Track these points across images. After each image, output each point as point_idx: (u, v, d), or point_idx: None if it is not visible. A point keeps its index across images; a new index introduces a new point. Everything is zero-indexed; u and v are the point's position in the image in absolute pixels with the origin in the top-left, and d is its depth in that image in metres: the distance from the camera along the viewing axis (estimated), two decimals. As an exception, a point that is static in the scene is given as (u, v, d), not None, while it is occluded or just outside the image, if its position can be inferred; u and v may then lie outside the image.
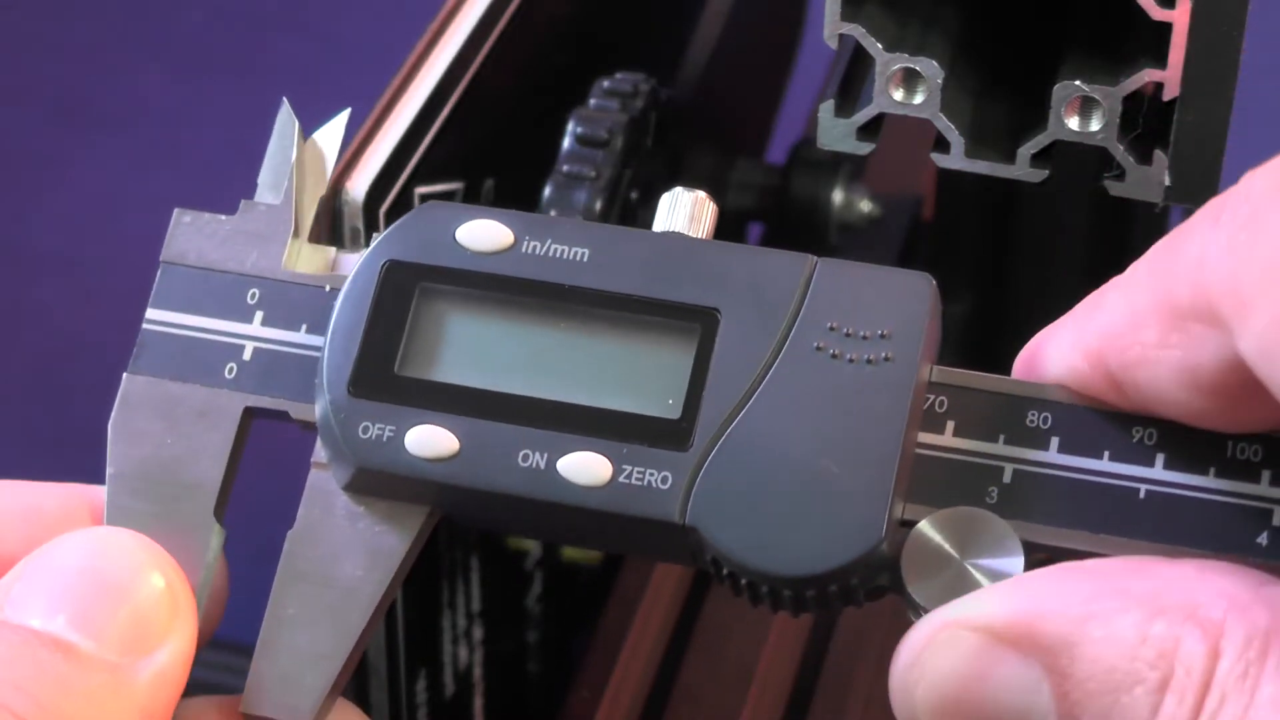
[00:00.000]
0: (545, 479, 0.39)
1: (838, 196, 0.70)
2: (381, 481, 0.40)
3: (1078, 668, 0.35)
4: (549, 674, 0.71)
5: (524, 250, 0.41)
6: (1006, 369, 0.41)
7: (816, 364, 0.39)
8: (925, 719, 0.37)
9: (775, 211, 0.70)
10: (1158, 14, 0.46)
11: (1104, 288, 0.39)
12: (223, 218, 0.43)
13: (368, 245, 0.42)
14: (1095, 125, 0.47)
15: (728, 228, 0.73)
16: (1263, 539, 0.38)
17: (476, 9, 0.59)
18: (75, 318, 1.03)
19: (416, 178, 0.55)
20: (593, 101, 0.59)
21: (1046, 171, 0.48)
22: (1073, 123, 0.47)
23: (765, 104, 0.79)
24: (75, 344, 1.01)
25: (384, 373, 0.40)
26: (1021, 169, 0.48)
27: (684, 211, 0.42)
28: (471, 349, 0.41)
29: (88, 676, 0.37)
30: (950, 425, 0.40)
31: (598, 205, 0.57)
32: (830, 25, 0.48)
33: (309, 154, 0.44)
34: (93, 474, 0.43)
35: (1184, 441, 0.39)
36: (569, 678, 0.67)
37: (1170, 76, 0.46)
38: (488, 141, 0.59)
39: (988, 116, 0.49)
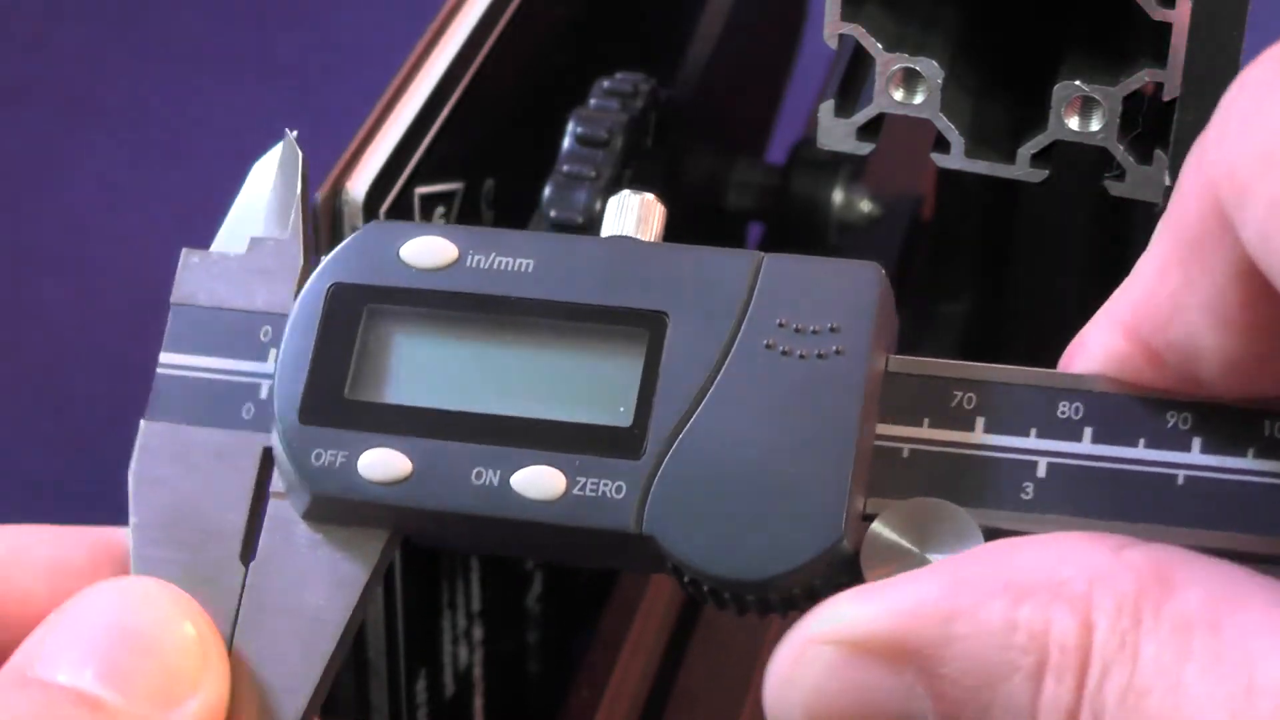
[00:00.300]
0: (499, 496, 0.39)
1: (838, 196, 0.70)
2: (338, 507, 0.40)
3: (950, 667, 0.34)
4: (549, 674, 0.71)
5: (469, 264, 0.41)
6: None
7: (767, 362, 0.39)
8: None
9: (775, 211, 0.70)
10: (1158, 14, 0.46)
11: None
12: (230, 255, 0.43)
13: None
14: (1095, 125, 0.47)
15: (728, 228, 0.73)
16: None
17: (476, 9, 0.59)
18: (76, 317, 1.03)
19: (416, 178, 0.55)
20: (593, 101, 0.59)
21: (1046, 171, 0.48)
22: (1073, 123, 0.47)
23: (765, 104, 0.79)
24: (76, 343, 1.01)
25: (334, 398, 0.40)
26: (1021, 169, 0.48)
27: (632, 215, 0.42)
28: (420, 368, 0.40)
29: None
30: (980, 422, 0.39)
31: (598, 205, 0.57)
32: (830, 25, 0.48)
33: (304, 183, 0.44)
34: (92, 474, 0.42)
35: (1220, 424, 0.38)
36: (569, 678, 0.67)
37: (1170, 76, 0.46)
38: (488, 141, 0.59)
39: (988, 116, 0.49)
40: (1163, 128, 0.47)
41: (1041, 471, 0.39)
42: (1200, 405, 0.38)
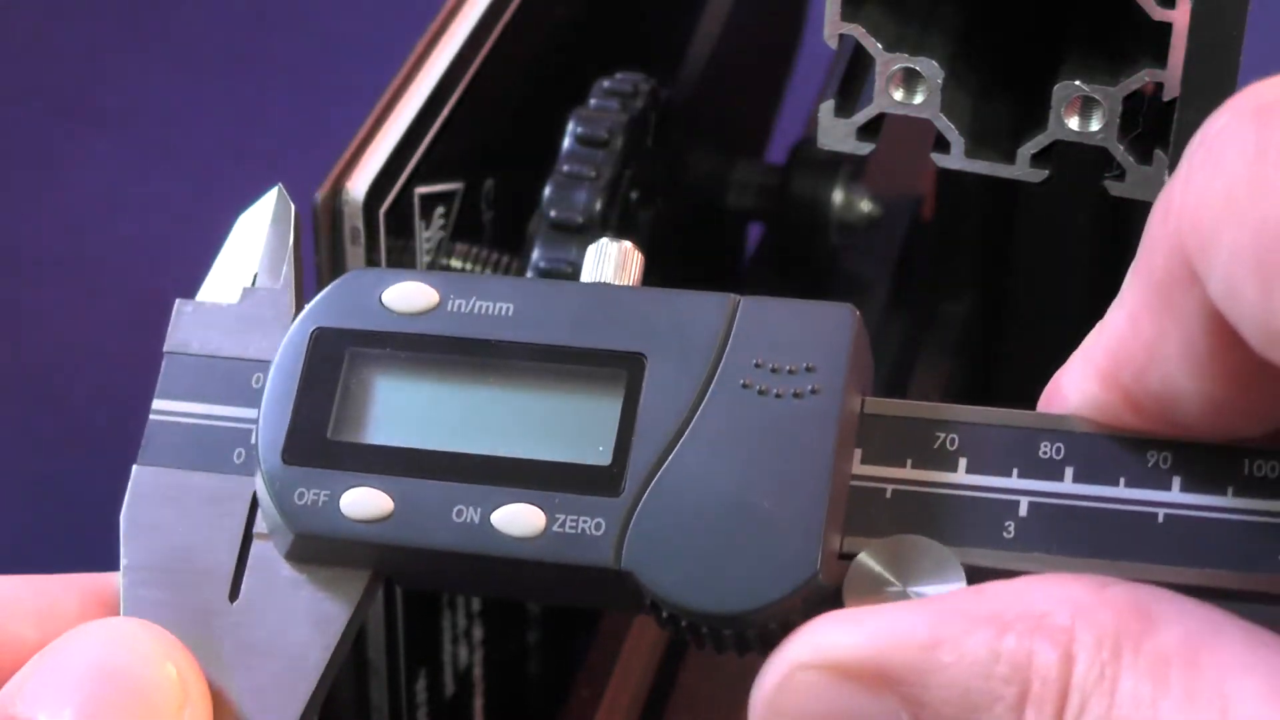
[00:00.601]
0: (480, 533, 0.39)
1: (838, 196, 0.70)
2: (320, 547, 0.40)
3: (932, 694, 0.35)
4: (549, 674, 0.71)
5: (449, 309, 0.41)
6: (1006, 368, 0.41)
7: (743, 401, 0.40)
8: None
9: (775, 211, 0.71)
10: (1158, 14, 0.46)
11: (1107, 313, 0.38)
12: (224, 305, 0.43)
13: (368, 248, 0.42)
14: (1095, 125, 0.47)
15: (728, 228, 0.73)
16: None
17: (476, 9, 0.59)
18: (75, 318, 1.03)
19: (416, 178, 0.55)
20: (593, 101, 0.59)
21: (1046, 171, 0.48)
22: (1073, 123, 0.47)
23: (765, 104, 0.79)
24: (74, 344, 1.01)
25: (316, 439, 0.41)
26: (1021, 169, 0.48)
27: (611, 262, 0.42)
28: (402, 410, 0.41)
29: None
30: (962, 462, 0.39)
31: (598, 205, 0.57)
32: (830, 25, 0.48)
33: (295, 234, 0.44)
34: (91, 475, 0.42)
35: (1199, 463, 0.38)
36: (569, 678, 0.67)
37: (1170, 76, 0.46)
38: (488, 141, 0.59)
39: (988, 116, 0.49)
40: (1163, 128, 0.47)
41: (1023, 510, 0.39)
42: (1180, 444, 0.39)
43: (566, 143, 0.58)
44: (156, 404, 0.43)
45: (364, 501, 0.40)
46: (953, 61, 0.48)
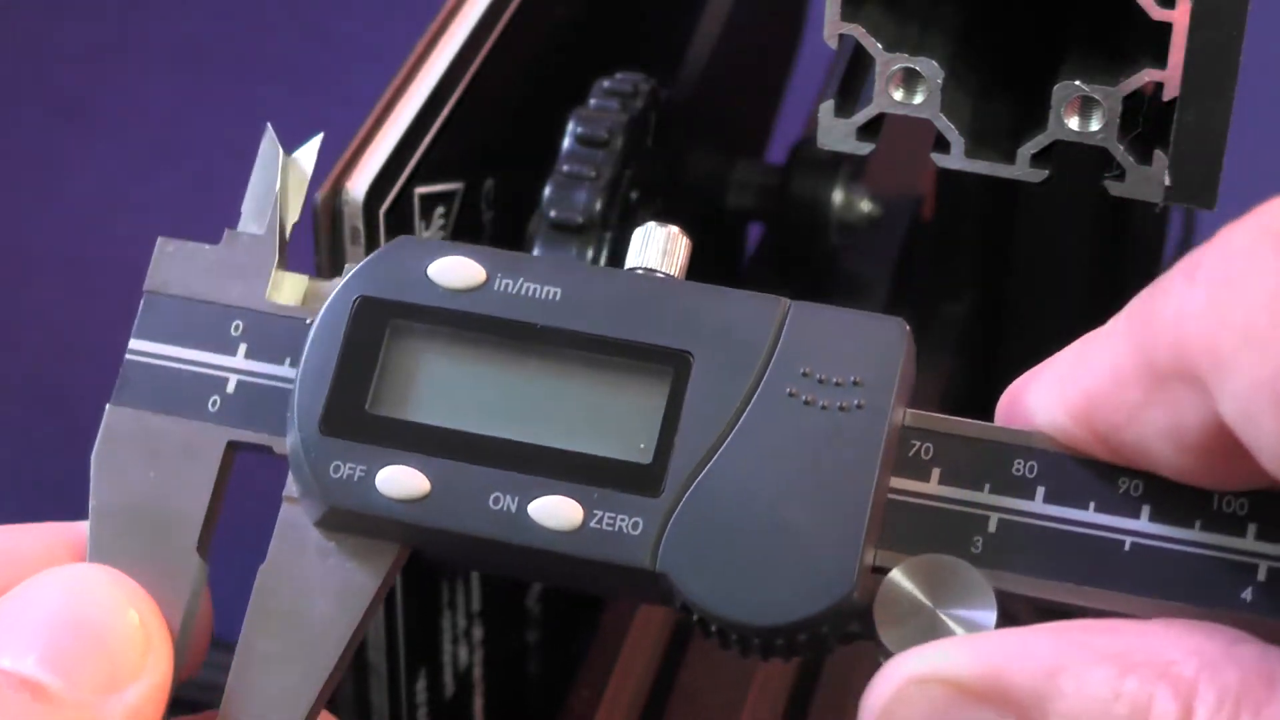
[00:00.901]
0: (515, 522, 0.39)
1: (838, 196, 0.70)
2: (353, 520, 0.40)
3: None
4: (549, 674, 0.71)
5: (496, 288, 0.41)
6: (1006, 368, 0.41)
7: (788, 410, 0.39)
8: None
9: (775, 211, 0.70)
10: (1158, 14, 0.46)
11: (1086, 339, 0.38)
12: (206, 247, 0.43)
13: (368, 248, 0.42)
14: (1095, 125, 0.47)
15: (728, 228, 0.73)
16: (1247, 594, 0.38)
17: (476, 9, 0.59)
18: (75, 318, 1.03)
19: (416, 178, 0.55)
20: (593, 101, 0.59)
21: (1046, 171, 0.48)
22: (1073, 123, 0.47)
23: (765, 104, 0.79)
24: (75, 344, 1.01)
25: (355, 411, 0.40)
26: (1021, 169, 0.48)
27: (656, 247, 0.42)
28: (443, 388, 0.41)
29: (56, 716, 0.37)
30: (935, 473, 0.39)
31: (598, 205, 0.57)
32: (830, 25, 0.48)
33: (290, 178, 0.43)
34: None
35: (1170, 493, 0.38)
36: (569, 678, 0.67)
37: (1170, 76, 0.46)
38: (488, 141, 0.59)
39: (988, 116, 0.49)
40: (1163, 128, 0.47)
41: (992, 527, 0.39)
42: (1152, 474, 0.38)
43: (566, 143, 0.58)
44: (133, 343, 0.42)
45: (401, 480, 0.40)
46: (953, 61, 0.48)
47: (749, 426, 0.39)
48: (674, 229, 0.42)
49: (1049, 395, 0.39)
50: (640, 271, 0.42)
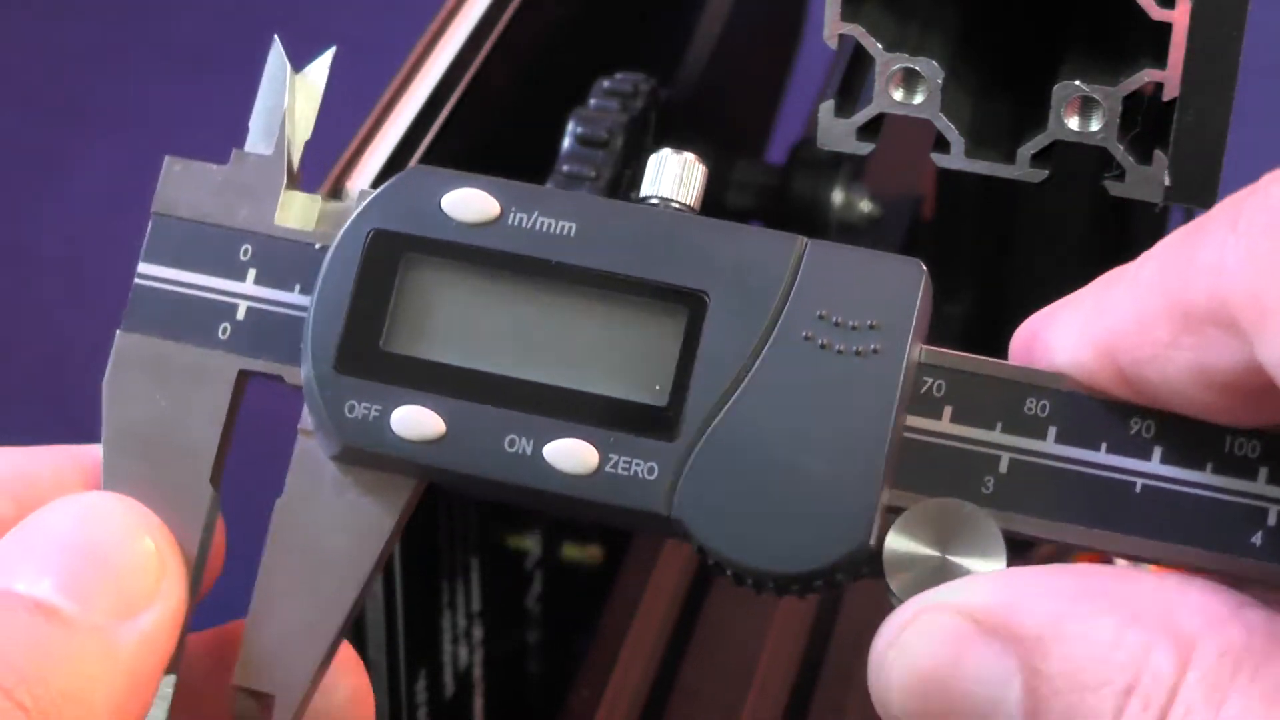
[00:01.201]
0: (531, 466, 0.39)
1: (838, 196, 0.70)
2: (368, 458, 0.40)
3: (1050, 664, 0.35)
4: (549, 674, 0.71)
5: (510, 222, 0.40)
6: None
7: (804, 354, 0.39)
8: (896, 698, 0.37)
9: (775, 211, 0.70)
10: (1158, 14, 0.46)
11: (1110, 278, 0.38)
12: (214, 167, 0.43)
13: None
14: (1095, 125, 0.47)
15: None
16: (1257, 539, 0.37)
17: (476, 9, 0.59)
18: (75, 318, 1.03)
19: (416, 178, 0.55)
20: (593, 101, 0.59)
21: (1046, 171, 0.48)
22: (1073, 123, 0.47)
23: (765, 104, 0.79)
24: (75, 344, 1.01)
25: (370, 348, 0.40)
26: (1021, 169, 0.48)
27: (671, 173, 0.42)
28: (457, 325, 0.40)
29: (71, 640, 0.37)
30: (948, 411, 0.39)
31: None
32: (830, 25, 0.48)
33: (299, 96, 0.43)
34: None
35: (1182, 435, 0.38)
36: (569, 678, 0.67)
37: (1170, 76, 0.46)
38: (488, 141, 0.59)
39: (988, 116, 0.49)
40: (1163, 128, 0.47)
41: (1003, 466, 0.39)
42: (1164, 414, 0.38)
43: (566, 143, 0.58)
44: (142, 267, 0.42)
45: (416, 420, 0.40)
46: (953, 61, 0.48)
47: (764, 370, 0.39)
48: (690, 155, 0.42)
49: (1070, 331, 0.39)
50: (656, 202, 0.41)
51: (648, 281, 0.40)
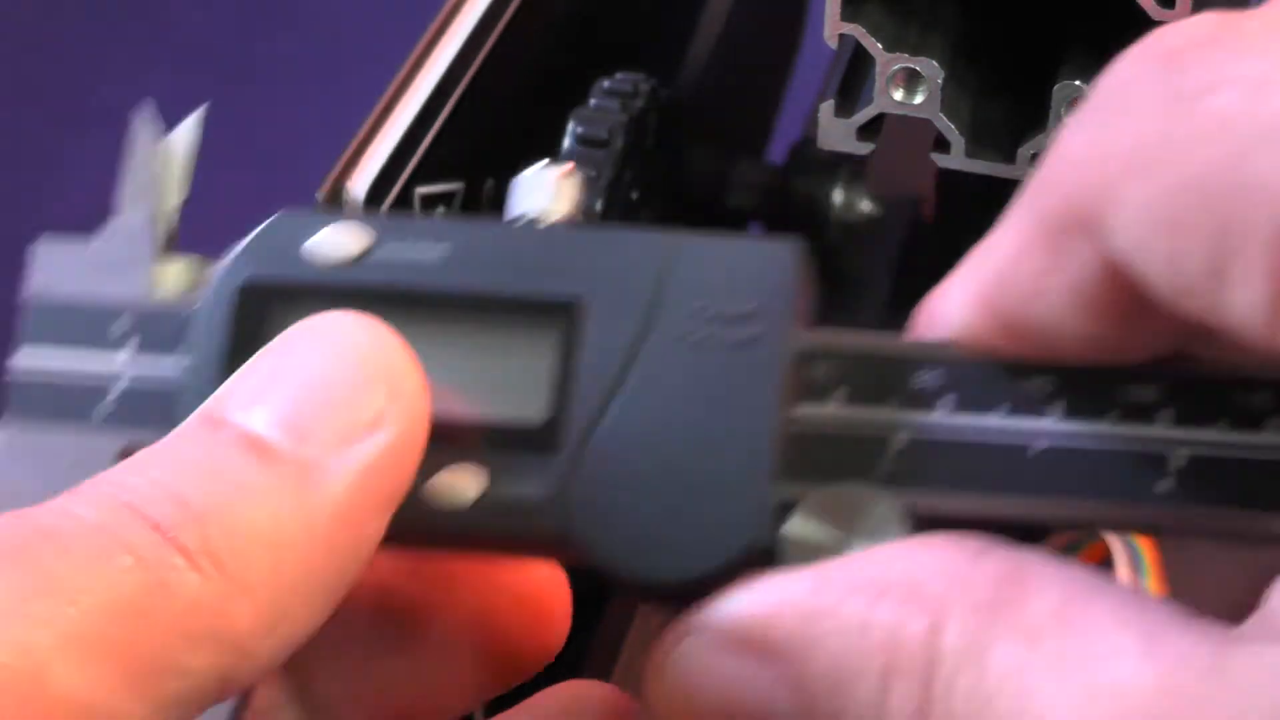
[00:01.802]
0: (410, 506, 0.36)
1: (838, 196, 0.70)
2: None
3: (811, 666, 0.33)
4: (549, 674, 0.71)
5: (377, 256, 0.39)
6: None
7: (682, 350, 0.37)
8: None
9: (775, 211, 0.71)
10: (1158, 14, 0.46)
11: (993, 229, 0.37)
12: (85, 243, 0.42)
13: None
14: (1095, 125, 0.47)
15: (728, 228, 0.73)
16: (1161, 485, 0.36)
17: (476, 9, 0.59)
18: (75, 318, 1.03)
19: (416, 178, 0.55)
20: (593, 101, 0.59)
21: (1046, 171, 0.48)
22: (1073, 123, 0.47)
23: (765, 104, 0.79)
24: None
25: None
26: (1021, 169, 0.48)
27: (543, 188, 0.40)
28: None
29: (270, 475, 0.34)
30: (840, 393, 0.37)
31: (598, 205, 0.57)
32: (830, 25, 0.48)
33: (168, 162, 0.42)
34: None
35: (1083, 387, 0.36)
36: (569, 677, 0.67)
37: (1170, 76, 0.46)
38: (488, 141, 0.59)
39: (988, 116, 0.49)
40: (1163, 128, 0.47)
41: (899, 444, 0.37)
42: (1061, 370, 0.37)
43: (566, 143, 0.58)
44: (16, 356, 0.40)
45: None
46: (953, 61, 0.48)
47: (644, 371, 0.37)
48: (563, 167, 0.40)
49: (956, 292, 0.37)
50: (530, 217, 0.40)
51: (516, 297, 0.38)
